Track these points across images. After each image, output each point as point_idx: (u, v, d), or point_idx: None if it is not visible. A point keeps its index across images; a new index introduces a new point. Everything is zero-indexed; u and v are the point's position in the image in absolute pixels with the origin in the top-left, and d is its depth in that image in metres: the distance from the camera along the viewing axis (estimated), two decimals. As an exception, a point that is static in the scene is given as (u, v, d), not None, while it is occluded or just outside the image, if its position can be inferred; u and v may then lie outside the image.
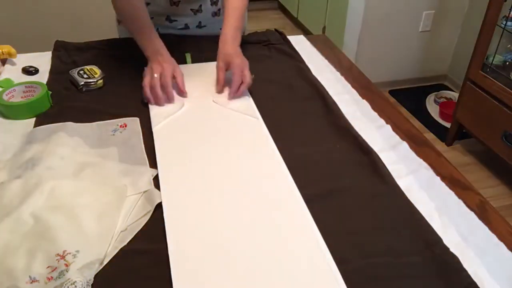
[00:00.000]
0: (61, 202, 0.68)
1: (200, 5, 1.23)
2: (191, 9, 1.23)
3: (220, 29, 1.30)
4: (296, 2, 3.57)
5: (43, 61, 1.14)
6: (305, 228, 0.67)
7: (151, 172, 0.77)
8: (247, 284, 0.59)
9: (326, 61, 1.22)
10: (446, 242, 0.65)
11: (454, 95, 2.64)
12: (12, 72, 1.09)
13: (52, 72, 1.09)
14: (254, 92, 1.03)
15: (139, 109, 0.95)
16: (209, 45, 1.22)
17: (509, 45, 1.97)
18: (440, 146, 2.32)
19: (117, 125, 0.90)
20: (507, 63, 1.97)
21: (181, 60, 1.14)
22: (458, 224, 0.69)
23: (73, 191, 0.70)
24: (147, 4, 1.20)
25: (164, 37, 1.25)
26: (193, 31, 1.28)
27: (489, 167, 2.16)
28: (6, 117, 0.92)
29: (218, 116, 0.94)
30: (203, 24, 1.28)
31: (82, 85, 1.01)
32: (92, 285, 0.58)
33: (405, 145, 0.87)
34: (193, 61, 1.16)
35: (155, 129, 0.88)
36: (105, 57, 1.15)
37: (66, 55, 1.16)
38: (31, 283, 0.57)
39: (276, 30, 1.36)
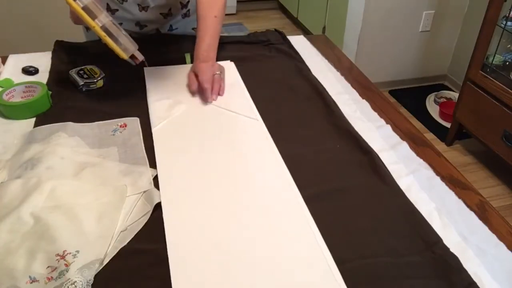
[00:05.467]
0: (61, 202, 0.68)
1: (170, 9, 1.20)
2: (161, 13, 1.20)
3: (192, 28, 1.29)
4: (296, 2, 3.57)
5: (43, 61, 1.14)
6: (305, 228, 0.67)
7: (151, 172, 0.77)
8: (247, 284, 0.59)
9: (326, 61, 1.22)
10: (446, 242, 0.65)
11: (454, 95, 2.64)
12: (12, 72, 1.09)
13: (52, 72, 1.09)
14: (254, 92, 1.03)
15: (139, 109, 0.95)
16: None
17: (509, 45, 1.97)
18: (440, 146, 2.32)
19: (117, 125, 0.90)
20: (507, 63, 1.97)
21: (181, 61, 1.14)
22: (458, 224, 0.69)
23: (73, 191, 0.70)
24: (116, 10, 1.18)
25: (163, 37, 1.26)
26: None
27: (489, 167, 2.16)
28: (6, 117, 0.92)
29: (217, 117, 0.94)
30: (174, 27, 1.27)
31: (82, 85, 1.01)
32: (92, 285, 0.58)
33: (405, 145, 0.87)
34: (193, 61, 1.16)
35: (155, 129, 0.88)
36: (105, 57, 1.14)
37: (66, 55, 1.16)
38: (31, 283, 0.57)
39: (276, 30, 1.36)
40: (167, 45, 1.21)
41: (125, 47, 0.90)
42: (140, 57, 0.95)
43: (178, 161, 0.81)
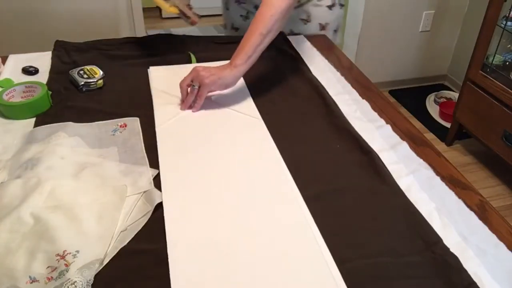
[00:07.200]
0: (61, 202, 0.67)
1: None
2: None
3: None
4: (296, 2, 3.56)
5: (43, 61, 1.14)
6: (305, 228, 0.67)
7: (151, 172, 0.77)
8: (247, 284, 0.59)
9: (326, 61, 1.22)
10: (446, 242, 0.65)
11: (454, 95, 2.64)
12: (12, 72, 1.09)
13: (52, 72, 1.09)
14: (254, 92, 1.03)
15: (139, 109, 0.95)
16: (210, 45, 1.22)
17: (509, 45, 1.97)
18: (440, 146, 2.32)
19: (117, 125, 0.90)
20: (507, 63, 1.97)
21: (185, 60, 1.14)
22: (458, 224, 0.69)
23: (73, 191, 0.70)
24: None
25: (166, 38, 1.26)
26: None
27: (489, 167, 2.16)
28: (6, 117, 0.92)
29: (218, 116, 0.94)
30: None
31: (82, 85, 1.01)
32: (92, 285, 0.58)
33: (405, 145, 0.87)
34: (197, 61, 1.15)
35: (158, 129, 0.88)
36: (105, 57, 1.15)
37: (66, 55, 1.16)
38: (31, 283, 0.57)
39: (276, 30, 1.35)
40: (170, 45, 1.21)
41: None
42: (196, 18, 0.95)
43: (179, 160, 0.81)
